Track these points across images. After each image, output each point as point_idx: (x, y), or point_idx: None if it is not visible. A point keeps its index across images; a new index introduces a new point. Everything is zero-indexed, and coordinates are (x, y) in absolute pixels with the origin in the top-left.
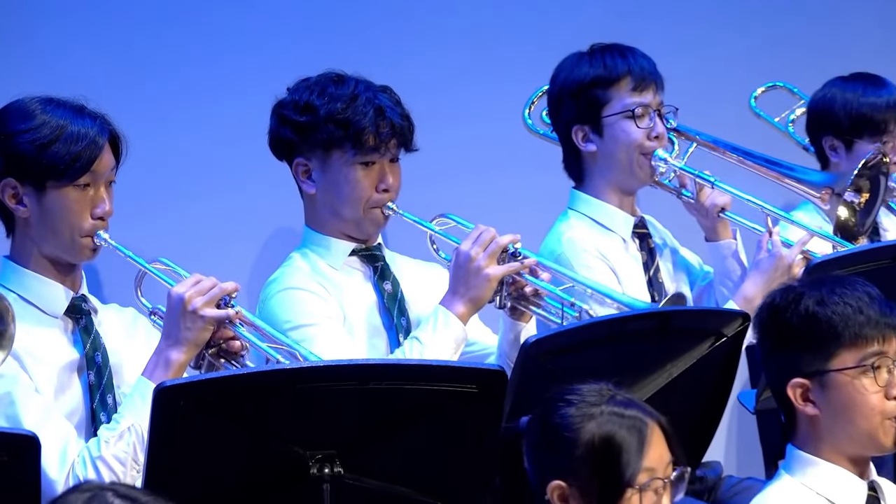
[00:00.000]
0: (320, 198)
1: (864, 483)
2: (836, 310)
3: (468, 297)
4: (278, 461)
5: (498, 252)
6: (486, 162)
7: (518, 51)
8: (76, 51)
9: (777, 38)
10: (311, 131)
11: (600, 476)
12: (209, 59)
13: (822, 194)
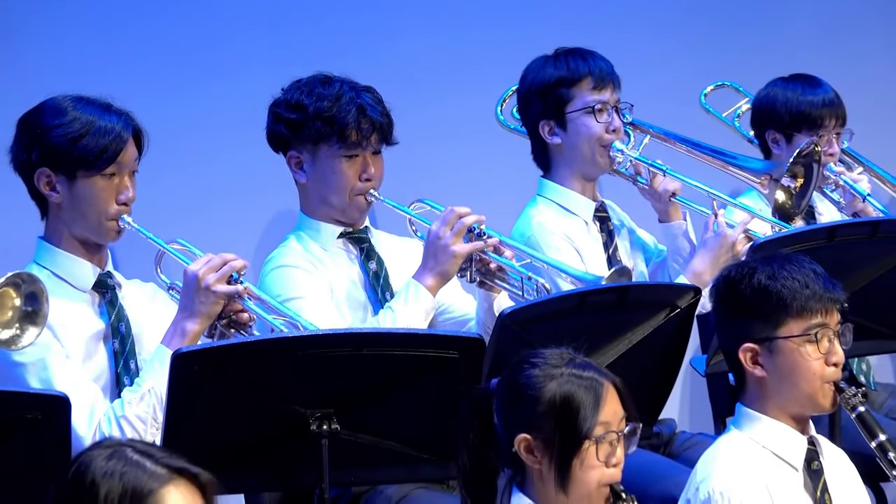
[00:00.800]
0: (311, 186)
1: (804, 438)
2: (785, 284)
3: (437, 271)
4: (282, 419)
5: (463, 231)
6: (463, 155)
7: (491, 56)
8: (89, 43)
9: (725, 41)
10: (301, 127)
11: (561, 429)
12: (210, 56)
13: (761, 180)
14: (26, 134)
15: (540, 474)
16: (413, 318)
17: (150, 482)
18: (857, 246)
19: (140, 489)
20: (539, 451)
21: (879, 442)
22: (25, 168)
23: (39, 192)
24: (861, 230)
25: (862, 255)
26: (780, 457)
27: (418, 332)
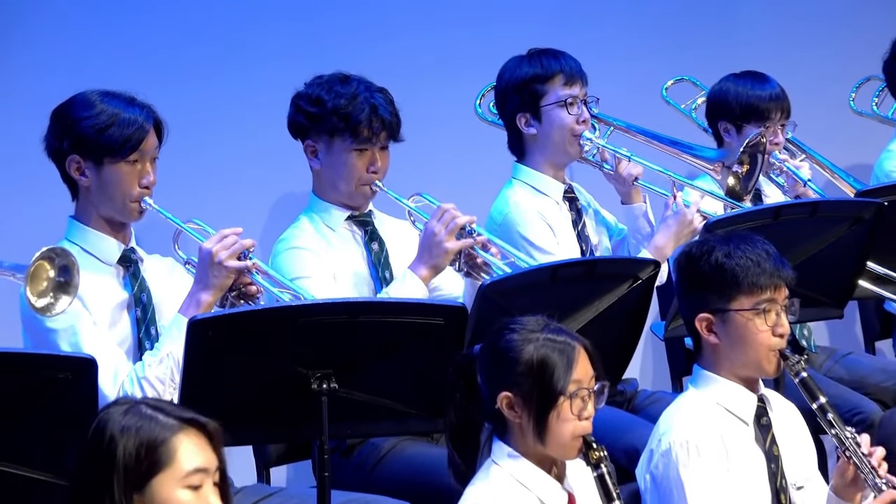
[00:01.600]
0: (323, 173)
1: (754, 396)
2: (739, 262)
3: (430, 264)
4: (286, 379)
5: (456, 230)
6: (449, 145)
7: (469, 56)
8: (115, 36)
9: (684, 39)
10: (319, 121)
11: (538, 387)
12: (223, 50)
13: (714, 167)
14: (58, 124)
15: (520, 427)
16: (415, 287)
17: (163, 432)
18: (800, 224)
19: (154, 439)
20: (519, 406)
21: (820, 404)
22: (58, 155)
23: (70, 177)
24: (803, 210)
25: (803, 233)
26: (733, 413)
27: (408, 301)
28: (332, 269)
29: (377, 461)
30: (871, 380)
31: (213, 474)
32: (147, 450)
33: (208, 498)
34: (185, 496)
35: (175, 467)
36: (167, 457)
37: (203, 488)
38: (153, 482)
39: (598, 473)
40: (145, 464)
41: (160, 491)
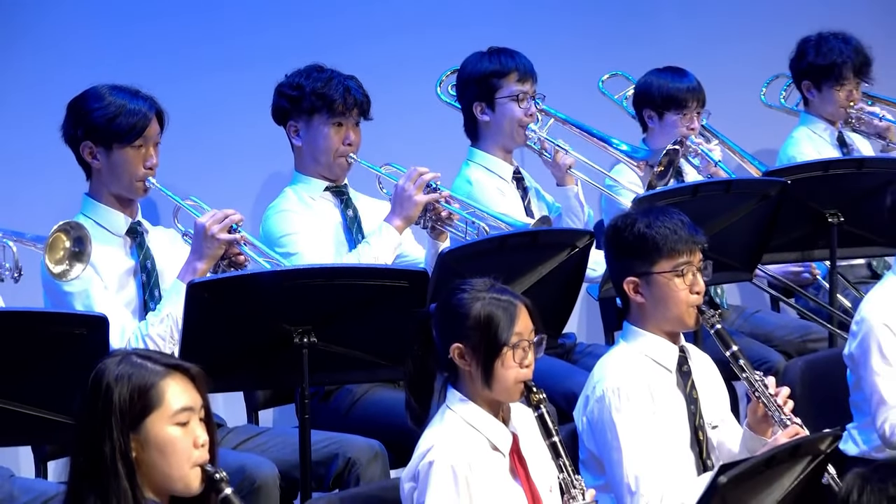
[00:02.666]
0: (305, 149)
1: (676, 347)
2: (658, 231)
3: (402, 215)
4: (271, 334)
5: (423, 185)
6: (413, 127)
7: (432, 54)
8: (125, 35)
9: (617, 38)
10: (300, 102)
11: (485, 339)
12: (216, 51)
13: (638, 164)
14: (73, 115)
15: (470, 375)
16: (383, 250)
17: (152, 377)
18: (715, 199)
19: (144, 384)
20: (469, 356)
21: (732, 352)
22: (73, 141)
23: (84, 160)
24: (718, 187)
25: (718, 207)
26: (658, 362)
27: (377, 267)
28: (317, 225)
29: (351, 405)
30: (776, 334)
31: (199, 411)
32: (139, 394)
33: (195, 432)
34: (174, 432)
35: (164, 407)
36: (157, 399)
37: (190, 424)
38: (146, 422)
39: (538, 414)
40: (138, 406)
41: (153, 429)
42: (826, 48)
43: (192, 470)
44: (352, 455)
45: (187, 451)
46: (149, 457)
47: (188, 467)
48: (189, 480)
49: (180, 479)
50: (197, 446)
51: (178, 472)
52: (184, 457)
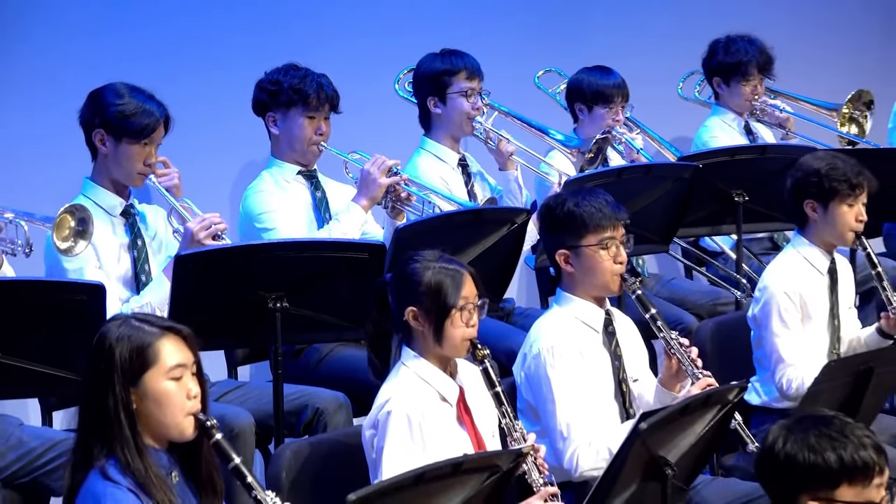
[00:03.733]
0: (281, 137)
1: (602, 310)
2: (585, 209)
3: (367, 196)
4: (248, 300)
5: (385, 170)
6: (375, 118)
7: (394, 53)
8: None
9: (551, 38)
10: (278, 95)
11: (435, 303)
12: (197, 54)
13: (571, 152)
14: (93, 104)
15: (422, 334)
16: (351, 226)
17: (149, 338)
18: (636, 181)
19: (142, 344)
20: (421, 318)
21: (651, 314)
22: (87, 125)
23: (93, 144)
24: (639, 171)
25: (639, 188)
26: (586, 323)
27: (341, 241)
28: (291, 203)
29: (318, 361)
30: (690, 299)
31: (191, 367)
32: (137, 352)
33: (188, 385)
34: (170, 385)
35: (160, 364)
36: (153, 356)
37: (183, 378)
38: (144, 377)
39: (482, 368)
40: (137, 363)
41: (150, 383)
42: (734, 48)
43: (186, 418)
44: (319, 405)
45: (181, 402)
46: (147, 408)
47: (182, 416)
48: (183, 428)
49: (175, 426)
50: (190, 398)
51: (174, 420)
52: (178, 407)
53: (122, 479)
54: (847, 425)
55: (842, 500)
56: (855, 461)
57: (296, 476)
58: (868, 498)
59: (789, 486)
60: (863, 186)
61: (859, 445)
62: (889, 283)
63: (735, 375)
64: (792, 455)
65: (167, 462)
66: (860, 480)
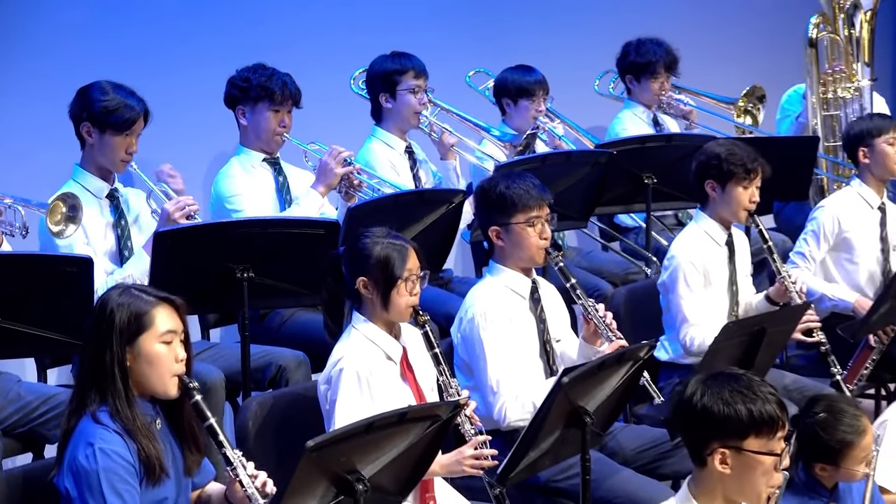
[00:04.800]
0: (249, 128)
1: (529, 279)
2: (514, 191)
3: (325, 183)
4: (219, 271)
5: (341, 161)
6: (332, 112)
7: (349, 54)
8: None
9: (480, 41)
10: (247, 91)
11: (383, 274)
12: (170, 56)
13: (505, 145)
14: (81, 99)
15: (371, 301)
16: (310, 209)
17: (146, 306)
18: (558, 166)
19: (139, 310)
20: (371, 287)
21: (572, 283)
22: (76, 119)
23: (81, 135)
24: (561, 157)
25: (561, 172)
26: (515, 291)
27: (300, 218)
28: (257, 187)
29: (281, 324)
30: (605, 269)
31: (180, 334)
32: (135, 317)
33: (176, 349)
34: (161, 348)
35: (154, 329)
36: (149, 322)
37: (173, 343)
38: (139, 339)
39: (423, 331)
40: (134, 326)
41: (144, 345)
42: (644, 49)
43: (172, 379)
44: (281, 363)
45: (169, 364)
46: (139, 366)
47: (168, 377)
48: (168, 387)
49: (162, 385)
50: (177, 361)
51: (161, 379)
52: (166, 368)
53: (111, 423)
54: (755, 382)
55: (748, 449)
56: (762, 415)
57: (261, 425)
58: (771, 448)
59: (704, 434)
60: (757, 171)
61: (766, 401)
62: (778, 255)
63: (645, 335)
64: (708, 407)
65: (152, 411)
66: (766, 433)
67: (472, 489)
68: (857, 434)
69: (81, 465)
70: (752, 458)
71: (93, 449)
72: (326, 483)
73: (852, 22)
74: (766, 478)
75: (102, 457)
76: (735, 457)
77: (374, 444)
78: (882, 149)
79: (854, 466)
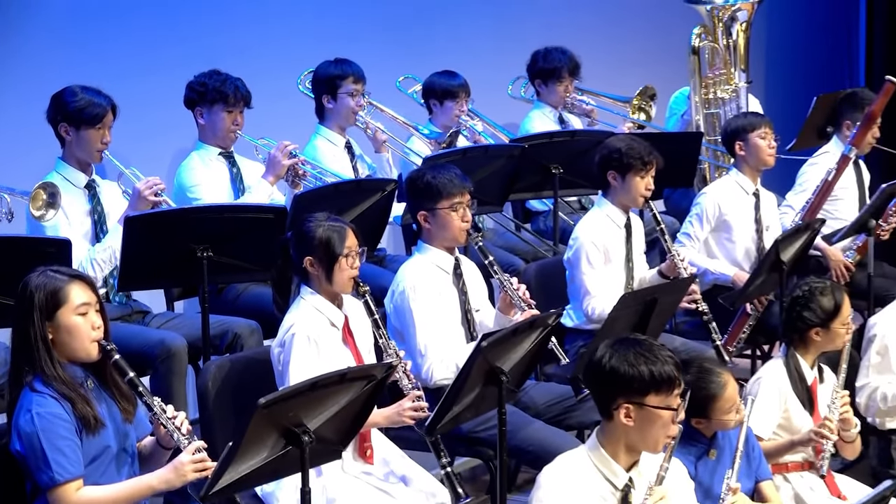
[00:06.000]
0: (206, 127)
1: (452, 257)
2: (440, 180)
3: (273, 174)
4: (182, 251)
5: (287, 154)
6: (280, 110)
7: (297, 59)
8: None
9: (410, 49)
10: (205, 94)
11: (326, 252)
12: (137, 59)
13: (432, 142)
14: (55, 104)
15: (317, 276)
16: (261, 197)
17: (60, 283)
18: (478, 158)
19: (55, 287)
20: (316, 264)
21: (489, 260)
22: (54, 121)
23: (60, 135)
24: (480, 150)
25: (480, 163)
26: (441, 267)
27: (252, 205)
28: (214, 177)
29: (236, 297)
30: (518, 247)
31: (94, 305)
32: (52, 294)
33: (92, 319)
34: (78, 319)
35: (70, 303)
36: (64, 297)
37: (88, 314)
38: (58, 313)
39: (363, 301)
40: (52, 303)
41: (62, 318)
42: (550, 57)
43: (91, 344)
44: (237, 331)
45: (87, 332)
46: (61, 337)
47: (88, 343)
48: (90, 352)
49: (83, 350)
50: (94, 328)
51: (82, 346)
52: (85, 335)
53: (45, 389)
54: (655, 346)
55: (649, 404)
56: (662, 375)
57: (220, 385)
58: (668, 404)
59: (611, 391)
60: (653, 163)
61: (665, 363)
62: (669, 235)
63: (553, 305)
64: (615, 368)
65: (82, 374)
66: (665, 391)
67: (406, 439)
68: (720, 388)
69: (24, 430)
70: (652, 413)
71: (31, 415)
72: (276, 435)
73: (730, 32)
74: (664, 430)
75: (40, 420)
76: (637, 411)
77: (318, 401)
78: (755, 142)
79: (723, 417)
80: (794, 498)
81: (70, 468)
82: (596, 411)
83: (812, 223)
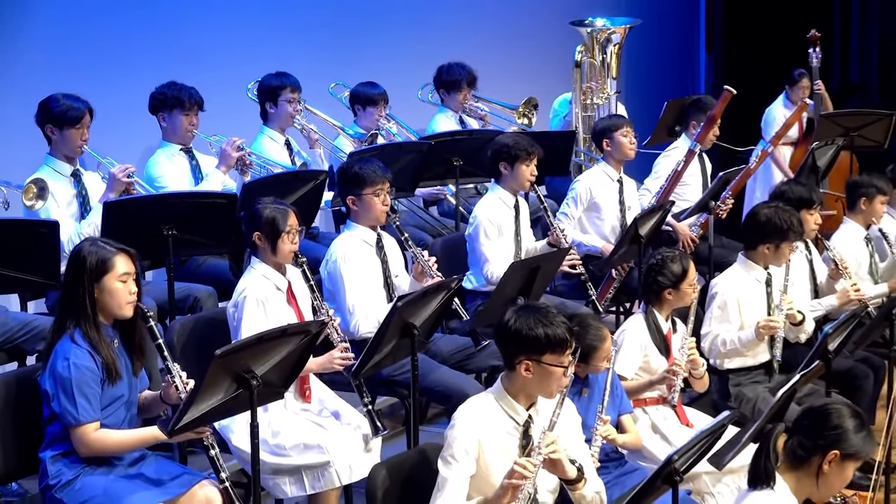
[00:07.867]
0: (168, 128)
1: (375, 233)
2: (365, 171)
3: (225, 164)
4: (151, 230)
5: (236, 147)
6: (231, 113)
7: (245, 71)
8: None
9: (340, 58)
10: (164, 101)
11: (272, 230)
12: (114, 64)
13: (355, 141)
14: (42, 109)
15: (265, 249)
16: (215, 184)
17: (108, 253)
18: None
19: (104, 257)
20: (263, 240)
21: (405, 237)
22: (41, 123)
23: (47, 135)
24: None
25: (396, 157)
26: (366, 241)
27: (208, 192)
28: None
29: (197, 266)
30: (428, 225)
31: (133, 275)
32: (101, 262)
33: (130, 286)
34: (119, 285)
35: (115, 271)
36: (111, 266)
37: (128, 282)
38: (104, 278)
39: (302, 269)
40: (100, 268)
41: (107, 282)
42: (452, 70)
43: (127, 306)
44: (197, 296)
45: (125, 296)
46: (104, 298)
47: (125, 304)
48: (126, 312)
49: (120, 310)
50: (130, 294)
51: (119, 306)
52: (123, 299)
53: (82, 341)
54: (552, 313)
55: (545, 362)
56: (556, 338)
57: (184, 340)
58: (561, 362)
59: (514, 349)
60: (535, 154)
61: (558, 327)
62: (551, 213)
63: (456, 271)
64: (518, 329)
65: (111, 333)
66: (558, 351)
67: (336, 382)
68: (600, 340)
69: (60, 373)
70: (547, 368)
71: (68, 363)
72: (230, 380)
73: (605, 50)
74: (557, 382)
75: (75, 369)
76: (536, 367)
77: (264, 352)
78: (619, 139)
79: (598, 363)
80: (651, 426)
81: (92, 412)
82: (491, 357)
83: (664, 204)
